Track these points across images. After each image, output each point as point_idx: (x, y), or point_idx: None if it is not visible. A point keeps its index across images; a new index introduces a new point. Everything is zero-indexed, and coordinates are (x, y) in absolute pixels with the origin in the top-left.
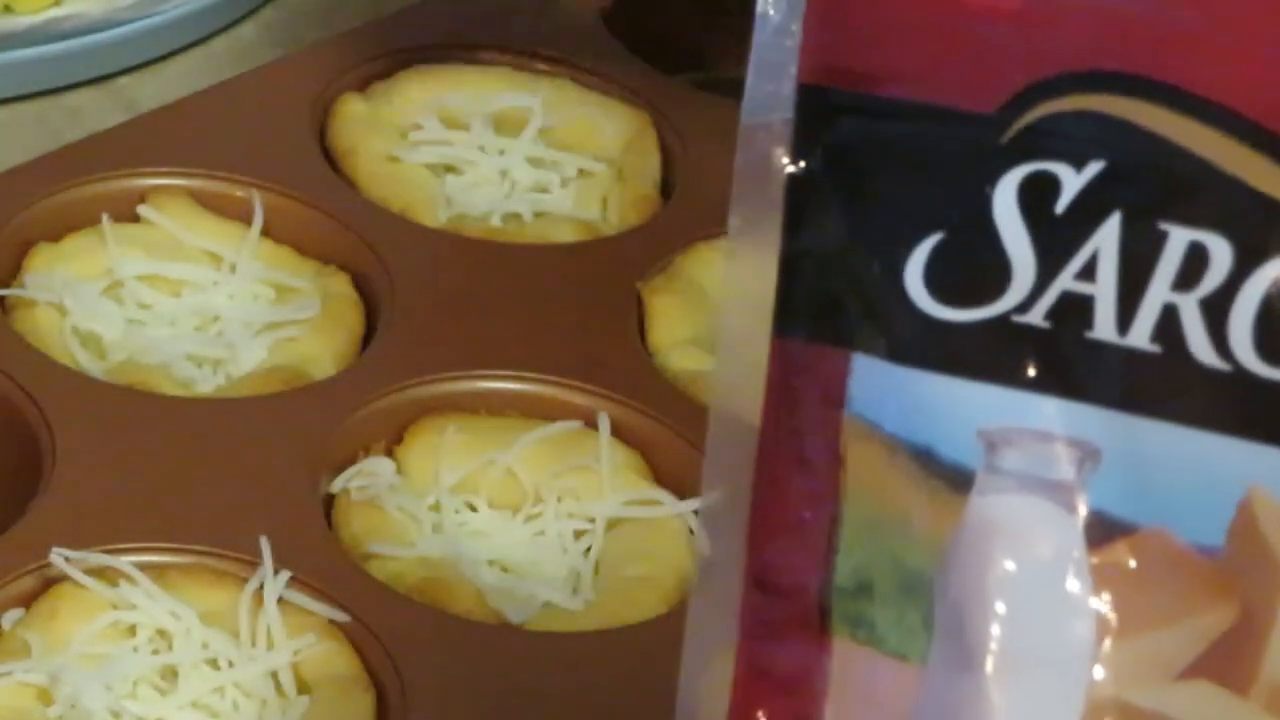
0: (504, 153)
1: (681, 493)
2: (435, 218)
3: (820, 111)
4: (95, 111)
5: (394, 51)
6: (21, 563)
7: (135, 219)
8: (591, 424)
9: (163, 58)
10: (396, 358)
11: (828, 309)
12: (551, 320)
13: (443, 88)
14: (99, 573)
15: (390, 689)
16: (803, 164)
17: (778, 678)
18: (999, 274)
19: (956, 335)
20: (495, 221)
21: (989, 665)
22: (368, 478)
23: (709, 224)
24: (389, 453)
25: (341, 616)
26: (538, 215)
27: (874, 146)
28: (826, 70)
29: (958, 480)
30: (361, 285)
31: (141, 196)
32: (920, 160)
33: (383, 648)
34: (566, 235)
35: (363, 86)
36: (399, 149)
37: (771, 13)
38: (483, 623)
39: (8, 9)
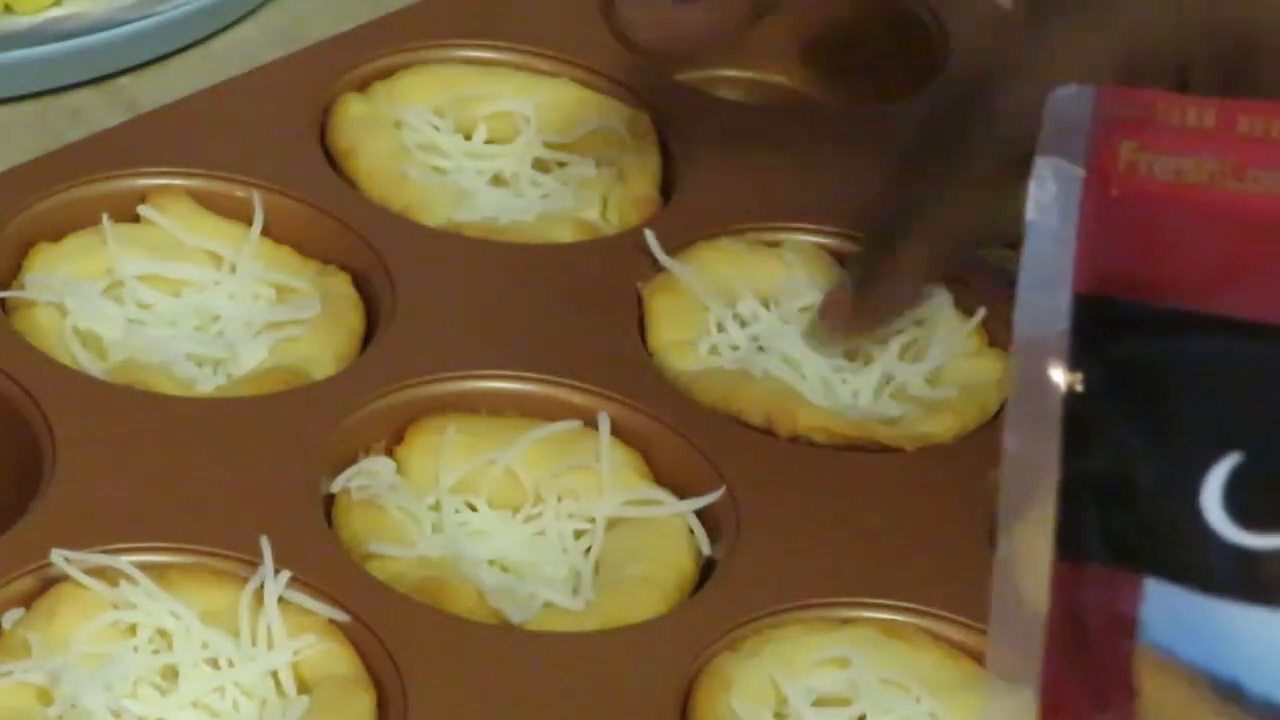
0: (504, 153)
1: (681, 492)
2: (435, 218)
3: (1101, 323)
4: (95, 111)
5: (394, 51)
6: (21, 563)
7: (135, 219)
8: (591, 424)
9: (163, 58)
10: (396, 358)
11: (1114, 533)
12: (551, 320)
13: (443, 88)
14: (99, 573)
15: (390, 689)
16: (1082, 380)
17: None
18: None
19: (1263, 562)
20: (495, 221)
21: None
22: (368, 478)
23: (709, 224)
24: (389, 453)
25: (341, 616)
26: (538, 215)
27: (1161, 361)
28: (1106, 279)
29: (1269, 715)
30: (361, 285)
31: (141, 196)
32: (1214, 376)
33: (383, 648)
34: (566, 235)
35: (363, 86)
36: (399, 149)
37: (1043, 219)
38: (483, 623)
39: (8, 9)
